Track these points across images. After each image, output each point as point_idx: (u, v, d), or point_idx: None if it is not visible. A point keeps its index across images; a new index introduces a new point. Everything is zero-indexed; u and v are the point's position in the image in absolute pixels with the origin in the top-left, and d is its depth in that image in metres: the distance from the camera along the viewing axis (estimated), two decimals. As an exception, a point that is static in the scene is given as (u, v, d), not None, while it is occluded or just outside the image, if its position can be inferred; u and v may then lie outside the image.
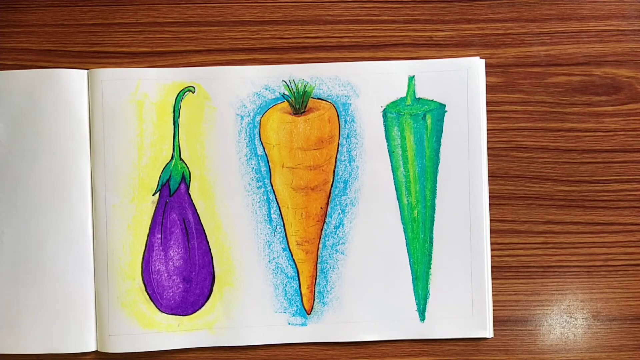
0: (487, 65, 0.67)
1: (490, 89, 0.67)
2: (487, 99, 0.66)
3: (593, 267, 0.67)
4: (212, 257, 0.66)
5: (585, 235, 0.67)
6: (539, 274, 0.67)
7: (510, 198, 0.67)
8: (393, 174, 0.66)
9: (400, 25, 0.66)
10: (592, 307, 0.67)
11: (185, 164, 0.66)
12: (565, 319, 0.67)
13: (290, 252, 0.66)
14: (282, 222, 0.66)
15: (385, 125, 0.66)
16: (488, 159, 0.66)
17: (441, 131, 0.66)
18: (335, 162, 0.66)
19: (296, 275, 0.66)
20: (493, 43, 0.67)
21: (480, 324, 0.66)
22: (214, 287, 0.66)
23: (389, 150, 0.66)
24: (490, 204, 0.66)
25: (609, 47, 0.67)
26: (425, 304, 0.66)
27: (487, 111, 0.66)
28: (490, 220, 0.66)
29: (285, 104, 0.66)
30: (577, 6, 0.67)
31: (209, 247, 0.66)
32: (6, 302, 0.65)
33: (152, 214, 0.66)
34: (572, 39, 0.67)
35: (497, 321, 0.66)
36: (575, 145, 0.67)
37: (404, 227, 0.66)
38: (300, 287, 0.66)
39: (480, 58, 0.66)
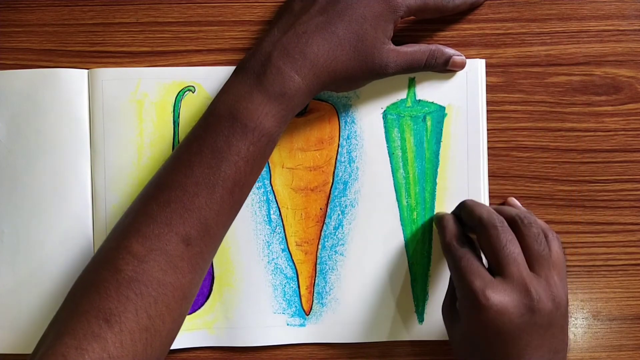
0: (487, 65, 0.66)
1: (490, 89, 0.66)
2: (487, 99, 0.66)
3: (593, 267, 0.67)
4: (211, 257, 0.66)
5: (585, 235, 0.67)
6: (538, 274, 0.67)
7: (510, 198, 0.67)
8: (393, 176, 0.66)
9: (400, 25, 0.66)
10: (592, 307, 0.67)
11: (185, 164, 0.66)
12: (565, 319, 0.67)
13: (290, 253, 0.66)
14: (281, 223, 0.66)
15: (385, 127, 0.66)
16: (488, 159, 0.66)
17: (441, 133, 0.66)
18: (335, 163, 0.66)
19: (295, 276, 0.66)
20: (493, 43, 0.67)
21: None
22: (213, 288, 0.66)
23: (389, 152, 0.66)
24: (490, 204, 0.66)
25: (609, 47, 0.67)
26: (424, 306, 0.66)
27: (487, 111, 0.66)
28: (490, 220, 0.66)
29: (285, 103, 0.66)
30: (577, 6, 0.67)
31: (208, 247, 0.66)
32: (6, 302, 0.65)
33: (152, 214, 0.66)
34: (572, 38, 0.67)
35: (497, 321, 0.66)
36: (575, 145, 0.67)
37: (403, 229, 0.66)
38: (299, 288, 0.66)
39: (480, 58, 0.66)
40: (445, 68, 0.65)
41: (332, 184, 0.66)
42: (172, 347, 0.65)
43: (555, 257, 0.57)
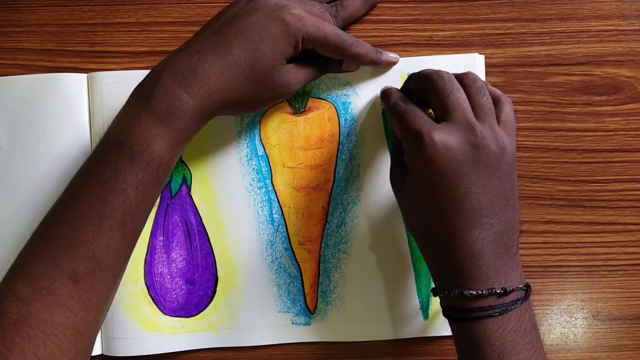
0: (488, 65, 0.67)
1: (490, 89, 0.67)
2: (487, 99, 0.66)
3: (593, 267, 0.67)
4: (214, 258, 0.66)
5: (586, 235, 0.67)
6: (539, 274, 0.67)
7: (510, 198, 0.67)
8: (394, 172, 0.66)
9: (400, 25, 0.66)
10: (592, 307, 0.67)
11: (186, 166, 0.66)
12: (565, 319, 0.67)
13: (293, 252, 0.66)
14: (284, 222, 0.66)
15: (385, 123, 0.66)
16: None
17: (440, 128, 0.66)
18: (336, 160, 0.66)
19: (299, 274, 0.66)
20: (493, 43, 0.67)
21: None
22: (217, 288, 0.66)
23: (389, 148, 0.66)
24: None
25: (609, 47, 0.67)
26: (428, 302, 0.66)
27: (488, 111, 0.66)
28: (491, 220, 0.66)
29: (285, 103, 0.66)
30: (577, 6, 0.67)
31: (211, 248, 0.66)
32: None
33: (153, 216, 0.65)
34: (572, 38, 0.67)
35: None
36: (576, 145, 0.67)
37: (405, 225, 0.66)
38: (303, 287, 0.66)
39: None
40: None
41: (334, 181, 0.66)
42: (177, 349, 0.65)
43: (506, 118, 0.56)
